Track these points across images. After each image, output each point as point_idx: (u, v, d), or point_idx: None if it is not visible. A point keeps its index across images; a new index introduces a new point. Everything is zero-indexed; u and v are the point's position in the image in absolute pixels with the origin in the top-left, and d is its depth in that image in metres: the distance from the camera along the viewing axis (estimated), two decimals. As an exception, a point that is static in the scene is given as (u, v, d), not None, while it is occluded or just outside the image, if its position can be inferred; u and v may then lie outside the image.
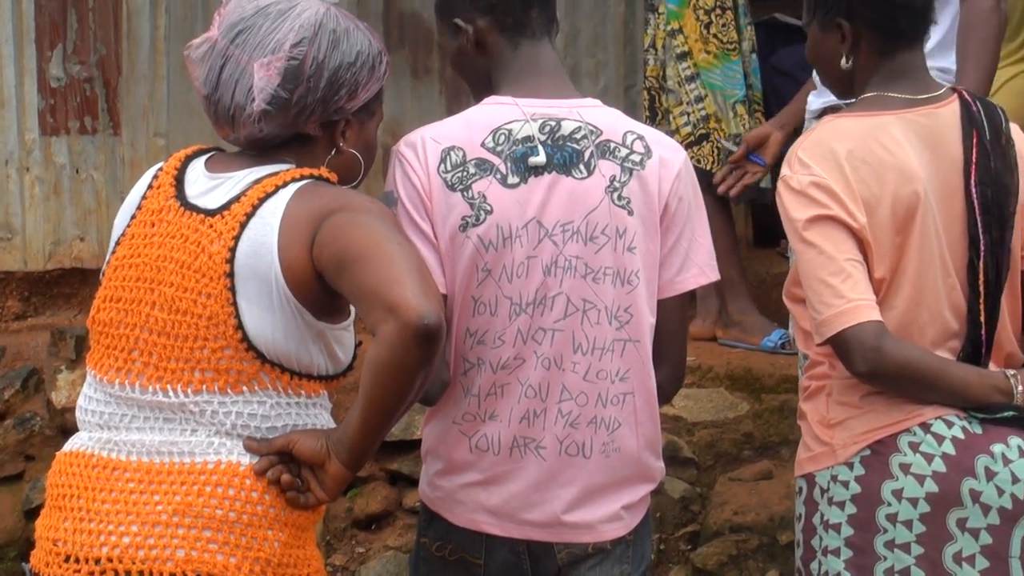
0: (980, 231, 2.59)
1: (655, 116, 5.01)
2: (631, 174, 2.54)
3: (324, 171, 2.39)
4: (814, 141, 2.62)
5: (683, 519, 4.58)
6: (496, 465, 2.54)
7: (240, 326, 2.30)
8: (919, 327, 2.58)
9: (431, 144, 2.52)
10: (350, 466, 2.31)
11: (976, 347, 2.61)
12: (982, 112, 2.65)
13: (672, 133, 4.83)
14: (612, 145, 2.55)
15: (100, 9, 5.59)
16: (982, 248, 2.59)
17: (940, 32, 3.45)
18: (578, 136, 2.54)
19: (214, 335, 2.31)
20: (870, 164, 2.57)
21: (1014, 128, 2.70)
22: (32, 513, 4.92)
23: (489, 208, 2.50)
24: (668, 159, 2.58)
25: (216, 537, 2.28)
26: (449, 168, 2.51)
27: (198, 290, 2.31)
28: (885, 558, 2.54)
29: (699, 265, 2.60)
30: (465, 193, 2.50)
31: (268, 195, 2.32)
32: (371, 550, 4.78)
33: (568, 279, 2.52)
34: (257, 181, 2.36)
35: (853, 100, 2.71)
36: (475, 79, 2.64)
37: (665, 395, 2.64)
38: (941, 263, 2.59)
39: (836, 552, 2.59)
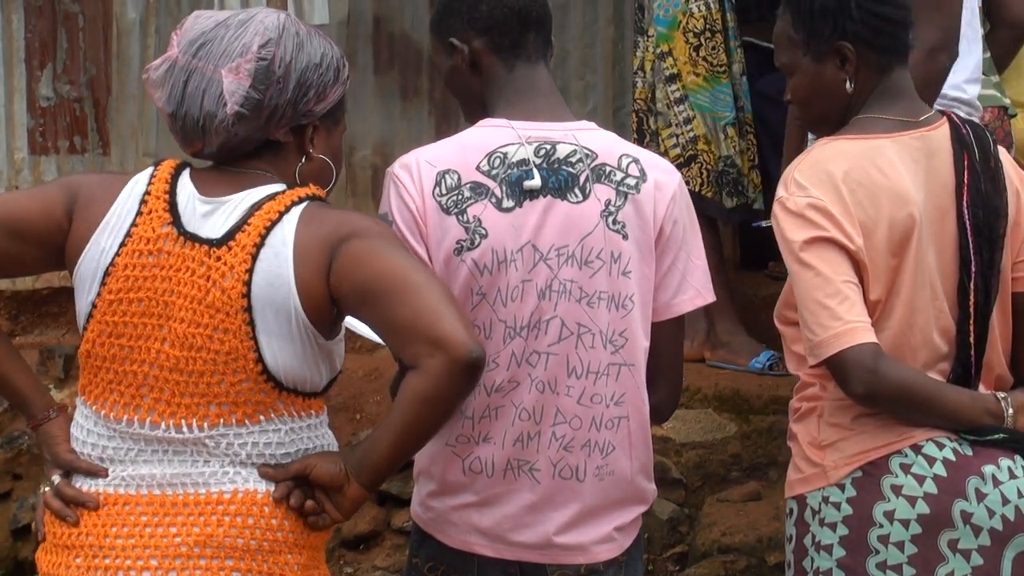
0: (971, 253, 2.61)
1: (643, 138, 5.02)
2: (626, 198, 2.55)
3: (314, 188, 2.39)
4: (810, 163, 2.63)
5: (671, 540, 4.58)
6: (489, 487, 2.54)
7: (260, 359, 2.30)
8: (911, 349, 2.59)
9: (426, 167, 2.52)
10: (370, 488, 2.33)
11: (966, 368, 2.62)
12: (971, 134, 2.67)
13: (661, 155, 4.84)
14: (607, 169, 2.56)
15: (90, 29, 5.60)
16: (973, 270, 2.61)
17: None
18: (573, 160, 2.55)
19: (232, 369, 2.31)
20: (866, 187, 2.58)
21: (1002, 150, 2.72)
22: (20, 533, 4.91)
23: (484, 232, 2.50)
24: (663, 182, 2.58)
25: (239, 566, 2.29)
26: (444, 191, 2.51)
27: (214, 325, 2.30)
28: (877, 579, 2.55)
29: (695, 287, 2.61)
30: (460, 217, 2.50)
31: (274, 223, 2.32)
32: (359, 570, 4.77)
33: (563, 303, 2.52)
34: (256, 206, 2.34)
35: None
36: (468, 99, 2.64)
37: (662, 416, 2.65)
38: (931, 286, 2.61)
39: (828, 573, 2.59)
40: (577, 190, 2.53)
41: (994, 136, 2.70)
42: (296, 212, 2.33)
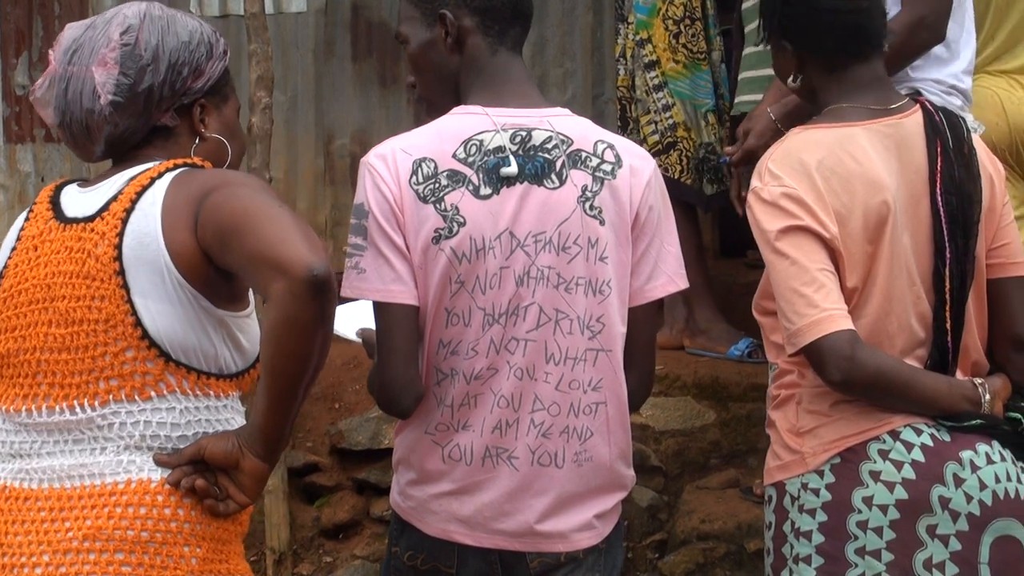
0: (946, 239, 2.62)
1: (627, 126, 5.03)
2: (602, 183, 2.55)
3: (198, 160, 2.39)
4: (784, 152, 2.64)
5: (651, 527, 4.59)
6: (469, 475, 2.54)
7: (139, 323, 2.27)
8: (888, 336, 2.60)
9: (401, 156, 2.51)
10: (265, 458, 2.26)
11: (943, 354, 2.63)
12: (945, 122, 2.67)
13: (641, 142, 4.84)
14: (583, 155, 2.56)
15: (66, 17, 5.57)
16: (948, 256, 2.62)
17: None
18: (549, 146, 2.54)
19: (113, 338, 2.28)
20: (840, 175, 2.59)
21: (975, 137, 2.73)
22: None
23: (462, 220, 2.50)
24: (638, 168, 2.58)
25: (129, 559, 2.23)
26: (421, 180, 2.50)
27: (91, 295, 2.28)
28: (856, 565, 2.56)
29: (668, 273, 2.61)
30: (438, 205, 2.50)
31: (145, 187, 2.31)
32: (338, 560, 4.77)
33: (541, 289, 2.52)
34: (132, 179, 2.35)
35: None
36: (436, 76, 2.61)
37: (634, 403, 2.64)
38: (907, 272, 2.61)
39: (807, 559, 2.60)
40: (553, 176, 2.53)
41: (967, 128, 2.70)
42: (169, 176, 2.33)
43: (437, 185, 2.50)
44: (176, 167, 2.35)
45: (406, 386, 2.50)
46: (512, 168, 2.51)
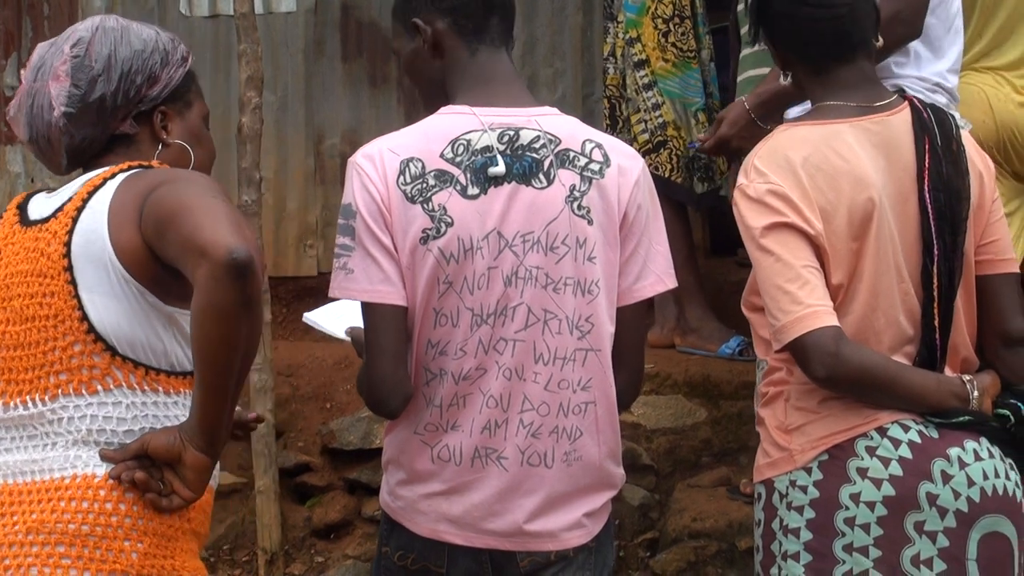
0: (934, 236, 2.62)
1: (616, 124, 5.03)
2: (591, 183, 2.55)
3: (155, 163, 2.42)
4: (770, 149, 2.64)
5: (642, 526, 4.59)
6: (458, 475, 2.54)
7: (85, 317, 2.30)
8: (875, 332, 2.61)
9: (389, 156, 2.51)
10: (207, 451, 2.27)
11: (931, 351, 2.63)
12: (933, 119, 2.68)
13: (631, 141, 4.85)
14: (571, 154, 2.55)
15: (55, 18, 5.57)
16: (936, 253, 2.62)
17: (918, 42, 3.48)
18: (537, 145, 2.54)
19: (62, 332, 2.31)
20: (825, 171, 2.60)
21: (965, 134, 2.73)
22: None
23: (450, 220, 2.49)
24: (626, 167, 2.58)
25: (69, 552, 2.27)
26: (408, 180, 2.50)
27: (42, 292, 2.33)
28: (844, 561, 2.56)
29: (657, 272, 2.61)
30: (425, 205, 2.49)
31: (97, 188, 2.35)
32: (330, 559, 4.77)
33: (529, 289, 2.52)
34: (88, 180, 2.39)
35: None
36: (428, 84, 2.63)
37: (623, 402, 2.64)
38: (896, 268, 2.62)
39: (796, 556, 2.60)
40: (541, 175, 2.53)
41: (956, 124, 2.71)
42: (121, 176, 2.36)
43: (425, 185, 2.50)
44: (130, 168, 2.38)
45: (394, 387, 2.50)
46: (500, 168, 2.51)
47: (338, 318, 2.85)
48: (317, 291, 5.35)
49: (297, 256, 6.08)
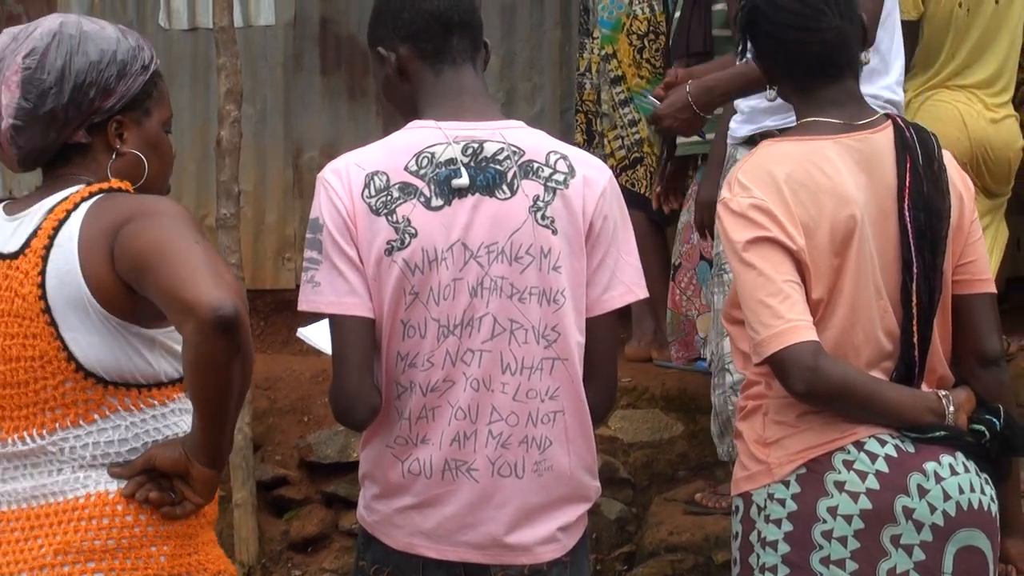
0: (913, 254, 2.63)
1: (591, 140, 5.04)
2: (555, 193, 2.56)
3: (115, 182, 2.38)
4: (754, 164, 2.66)
5: (619, 540, 4.60)
6: (429, 488, 2.54)
7: (71, 357, 2.30)
8: (854, 347, 2.62)
9: (355, 170, 2.53)
10: (211, 466, 2.31)
11: (909, 368, 2.65)
12: (915, 138, 2.69)
13: (607, 157, 4.86)
14: (535, 165, 2.57)
15: (33, 19, 5.55)
16: (915, 271, 2.63)
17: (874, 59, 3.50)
18: (501, 157, 2.55)
19: (51, 372, 2.31)
20: (808, 187, 2.61)
21: (946, 154, 2.74)
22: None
23: (414, 231, 2.51)
24: (592, 178, 2.59)
25: (101, 567, 2.29)
26: (373, 193, 2.51)
27: (23, 333, 2.31)
28: (821, 574, 2.57)
29: (626, 283, 2.61)
30: (389, 217, 2.51)
31: (61, 223, 2.31)
32: (307, 573, 4.76)
33: (494, 300, 2.52)
34: (49, 211, 2.34)
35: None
36: (402, 105, 2.66)
37: (598, 414, 2.64)
38: (875, 286, 2.63)
39: (773, 569, 2.61)
40: (505, 187, 2.54)
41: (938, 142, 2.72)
42: (84, 207, 2.32)
43: (389, 197, 2.51)
44: (91, 195, 2.34)
45: (358, 397, 2.50)
46: (463, 179, 2.52)
47: (326, 334, 2.85)
48: (295, 304, 5.34)
49: (275, 269, 6.07)
